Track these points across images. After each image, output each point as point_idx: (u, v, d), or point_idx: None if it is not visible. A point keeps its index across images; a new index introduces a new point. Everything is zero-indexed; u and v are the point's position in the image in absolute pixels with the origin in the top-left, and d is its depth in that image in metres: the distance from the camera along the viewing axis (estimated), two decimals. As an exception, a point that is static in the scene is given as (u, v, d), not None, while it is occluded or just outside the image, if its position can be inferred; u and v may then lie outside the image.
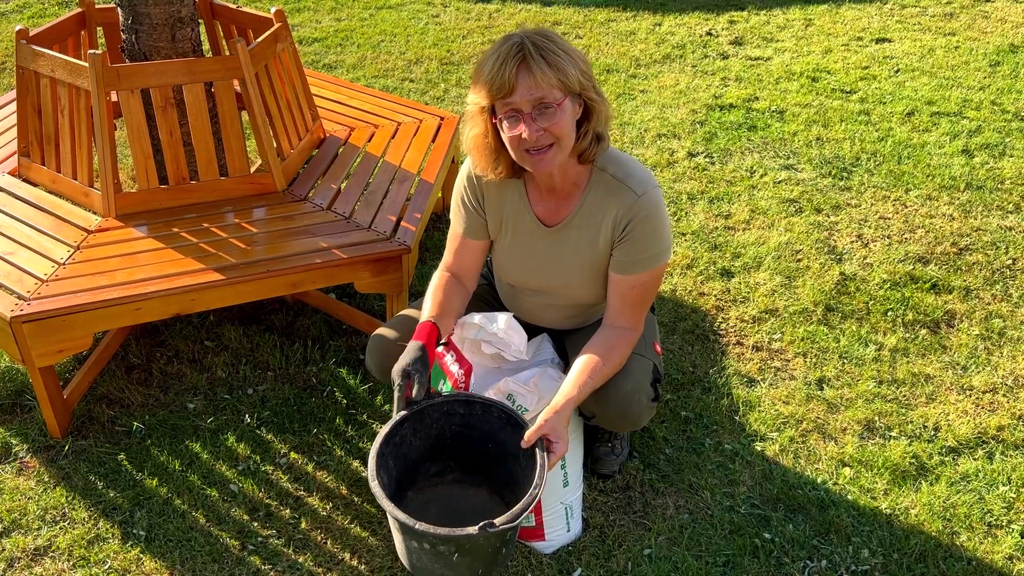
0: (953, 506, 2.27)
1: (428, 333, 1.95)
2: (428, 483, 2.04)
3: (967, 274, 3.19)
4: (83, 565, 2.10)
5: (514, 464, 1.92)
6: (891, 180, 3.83)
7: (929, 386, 2.68)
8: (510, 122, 1.80)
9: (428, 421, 1.96)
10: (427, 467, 2.03)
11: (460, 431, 1.99)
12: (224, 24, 3.28)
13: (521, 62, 1.74)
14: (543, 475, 1.76)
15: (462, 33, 5.66)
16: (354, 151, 3.12)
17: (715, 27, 5.75)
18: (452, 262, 2.14)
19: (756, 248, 3.34)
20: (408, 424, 1.92)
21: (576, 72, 1.78)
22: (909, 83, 4.84)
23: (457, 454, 2.03)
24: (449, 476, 2.06)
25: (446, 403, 1.94)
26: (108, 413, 2.55)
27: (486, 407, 1.94)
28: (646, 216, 1.93)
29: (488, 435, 1.96)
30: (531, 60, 1.74)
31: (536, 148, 1.81)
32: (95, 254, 2.47)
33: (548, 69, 1.74)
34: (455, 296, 2.08)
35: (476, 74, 1.82)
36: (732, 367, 2.76)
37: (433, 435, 1.99)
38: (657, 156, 4.05)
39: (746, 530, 2.20)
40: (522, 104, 1.76)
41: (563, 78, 1.76)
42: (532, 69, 1.74)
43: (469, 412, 1.96)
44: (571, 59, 1.78)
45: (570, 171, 1.95)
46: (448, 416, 1.97)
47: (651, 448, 2.45)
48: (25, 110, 2.78)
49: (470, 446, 2.00)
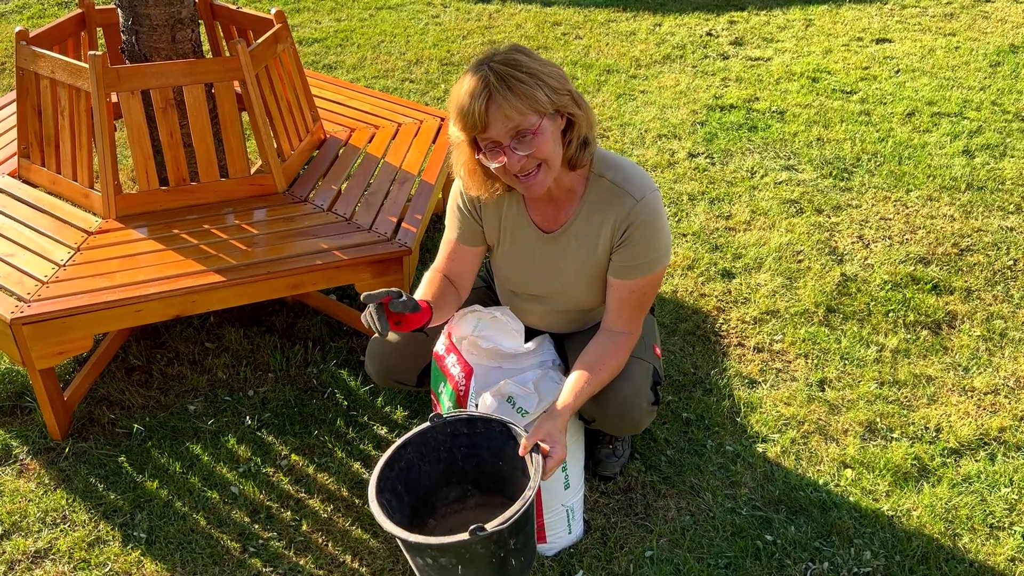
0: (955, 508, 2.27)
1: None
2: (450, 509, 2.01)
3: (968, 275, 3.19)
4: (84, 568, 2.10)
5: (524, 477, 1.89)
6: (892, 181, 3.83)
7: (931, 387, 2.68)
8: (492, 154, 1.79)
9: (434, 444, 1.93)
10: (445, 493, 1.99)
11: (469, 452, 1.96)
12: (224, 25, 3.27)
13: (489, 98, 1.71)
14: (537, 477, 1.73)
15: (462, 33, 5.65)
16: (355, 152, 3.12)
17: (715, 27, 5.75)
18: (444, 266, 2.12)
19: (757, 249, 3.33)
20: (411, 448, 1.90)
21: (547, 92, 1.74)
22: (909, 83, 4.84)
23: (474, 477, 2.00)
24: (471, 501, 2.02)
25: (448, 424, 1.91)
26: (108, 415, 2.55)
27: (487, 423, 1.91)
28: (645, 221, 1.92)
29: (496, 452, 1.94)
30: (498, 94, 1.71)
31: (524, 173, 1.80)
32: (95, 256, 2.47)
33: (517, 100, 1.71)
34: (447, 294, 2.05)
35: (450, 109, 1.80)
36: (733, 368, 2.75)
37: (443, 459, 1.96)
38: (657, 157, 4.04)
39: (748, 532, 2.20)
40: (500, 137, 1.75)
41: (533, 104, 1.72)
42: (499, 103, 1.71)
43: (473, 431, 1.94)
44: (538, 81, 1.73)
45: (564, 180, 1.94)
46: (454, 438, 1.94)
47: (652, 450, 2.45)
48: (25, 111, 2.78)
49: (483, 466, 1.98)
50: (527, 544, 1.78)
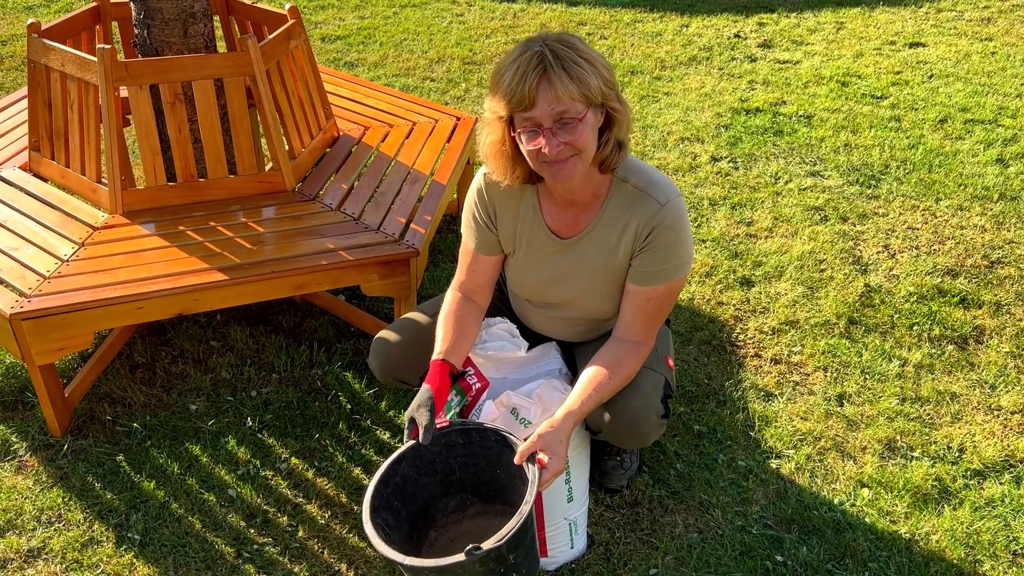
0: (977, 532, 2.17)
1: (439, 373, 1.89)
2: (450, 520, 1.97)
3: (998, 288, 3.07)
4: (76, 568, 2.07)
5: (523, 484, 1.83)
6: (921, 189, 3.71)
7: (955, 405, 2.57)
8: (529, 135, 1.72)
9: (429, 457, 1.89)
10: (444, 503, 1.95)
11: (466, 461, 1.92)
12: (239, 20, 3.24)
13: (542, 75, 1.66)
14: (533, 491, 1.67)
15: (485, 32, 5.60)
16: (367, 150, 3.07)
17: (743, 29, 5.64)
18: (465, 280, 2.07)
19: (778, 257, 3.24)
20: (406, 462, 1.86)
21: (599, 82, 1.69)
22: (943, 89, 4.70)
23: (472, 486, 1.96)
24: (471, 510, 1.98)
25: (443, 435, 1.87)
26: (109, 412, 2.52)
27: (481, 432, 1.87)
28: (669, 226, 1.85)
29: (493, 460, 1.89)
30: (552, 73, 1.65)
31: (557, 160, 1.74)
32: (99, 251, 2.44)
33: (570, 83, 1.66)
34: (468, 320, 2.01)
35: (494, 82, 1.74)
36: (749, 380, 2.66)
37: (440, 470, 1.92)
38: (679, 160, 3.96)
39: (757, 552, 2.12)
40: (543, 118, 1.69)
41: (586, 91, 1.67)
42: (553, 83, 1.65)
43: (468, 441, 1.90)
44: (594, 69, 1.69)
45: (592, 181, 1.87)
46: (449, 448, 1.90)
47: (661, 463, 2.37)
48: (36, 104, 2.76)
49: (481, 475, 1.93)
50: (528, 555, 1.73)
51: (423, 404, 1.84)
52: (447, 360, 1.92)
